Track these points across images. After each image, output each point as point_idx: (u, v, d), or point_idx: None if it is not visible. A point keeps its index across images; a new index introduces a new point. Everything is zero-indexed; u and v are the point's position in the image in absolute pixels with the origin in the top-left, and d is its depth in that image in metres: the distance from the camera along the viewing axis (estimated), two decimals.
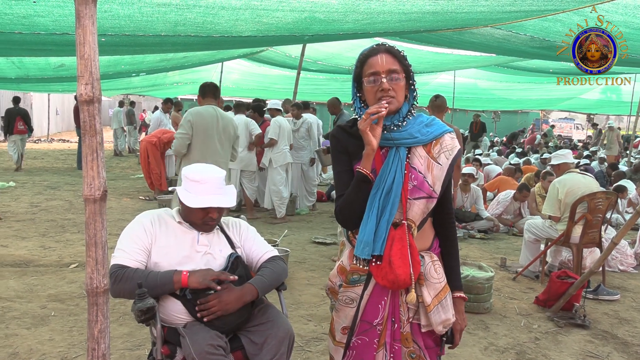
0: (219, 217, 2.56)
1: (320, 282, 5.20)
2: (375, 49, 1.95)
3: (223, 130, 4.60)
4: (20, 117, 13.22)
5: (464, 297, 2.11)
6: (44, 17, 4.88)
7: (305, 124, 8.65)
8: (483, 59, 11.51)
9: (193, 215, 2.51)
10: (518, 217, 8.17)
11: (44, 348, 3.63)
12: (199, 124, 4.56)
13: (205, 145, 4.48)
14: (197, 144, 4.52)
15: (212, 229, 2.58)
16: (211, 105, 4.75)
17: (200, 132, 4.50)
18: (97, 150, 1.86)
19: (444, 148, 1.98)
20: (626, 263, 6.26)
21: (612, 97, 20.19)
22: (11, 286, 4.80)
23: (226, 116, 4.77)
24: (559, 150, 6.07)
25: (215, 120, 4.62)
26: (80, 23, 1.79)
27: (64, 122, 28.01)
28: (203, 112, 4.62)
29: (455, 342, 2.11)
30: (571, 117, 32.07)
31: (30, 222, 7.41)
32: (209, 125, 4.56)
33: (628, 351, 4.03)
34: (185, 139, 4.52)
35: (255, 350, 2.40)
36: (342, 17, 5.63)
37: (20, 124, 13.16)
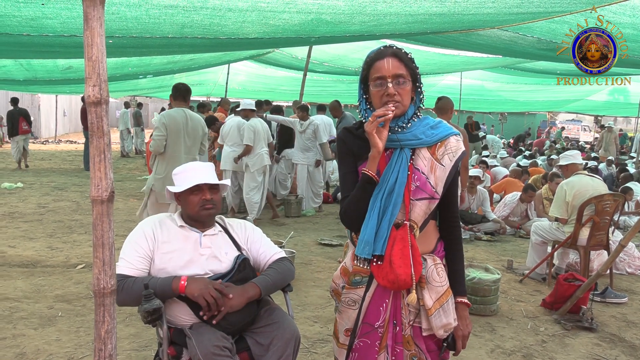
0: (215, 202, 2.57)
1: (326, 283, 5.20)
2: (382, 52, 1.94)
3: (192, 130, 5.20)
4: (23, 118, 13.79)
5: (467, 303, 2.07)
6: (52, 20, 4.91)
7: (311, 125, 8.64)
8: (490, 60, 11.49)
9: (190, 206, 2.55)
10: (525, 219, 8.14)
11: (51, 348, 3.65)
12: (172, 126, 5.12)
13: (177, 144, 5.11)
14: (170, 143, 5.13)
15: (211, 216, 2.58)
16: (181, 108, 5.30)
17: (172, 133, 5.11)
18: (104, 152, 1.87)
19: (448, 150, 1.97)
20: (634, 265, 6.22)
21: (620, 99, 20.08)
22: (19, 286, 4.83)
23: (195, 117, 5.33)
24: (567, 151, 6.01)
25: (185, 122, 5.19)
26: (88, 25, 1.80)
27: (71, 123, 28.16)
28: (175, 115, 5.21)
29: (457, 348, 2.07)
30: (578, 119, 31.92)
31: (37, 222, 7.45)
32: (180, 127, 5.15)
33: (636, 354, 4.00)
34: (162, 140, 5.10)
35: (261, 351, 2.40)
36: (348, 19, 5.63)
37: (24, 124, 13.74)
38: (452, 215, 2.08)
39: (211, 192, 2.57)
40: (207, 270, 2.48)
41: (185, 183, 2.55)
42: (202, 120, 5.42)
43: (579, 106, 23.22)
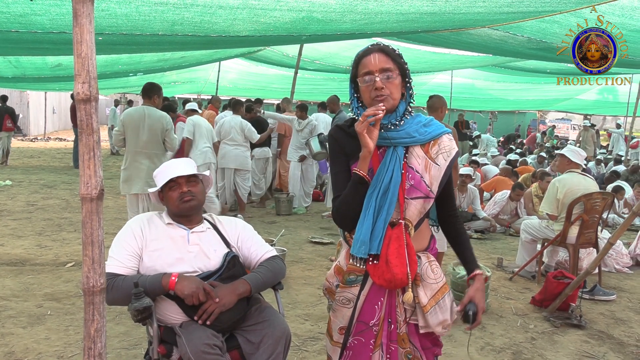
0: (194, 193, 2.57)
1: (317, 281, 5.21)
2: (369, 50, 1.95)
3: (149, 126, 5.45)
4: (9, 115, 14.04)
5: (484, 274, 2.08)
6: (41, 16, 4.87)
7: (309, 125, 8.63)
8: (480, 59, 11.53)
9: (170, 202, 2.57)
10: (515, 217, 8.19)
11: (40, 347, 3.62)
12: (128, 123, 5.50)
13: (134, 139, 5.46)
14: (128, 138, 5.51)
15: (192, 208, 2.57)
16: (143, 106, 5.64)
17: (129, 130, 5.48)
18: (94, 149, 1.85)
19: (442, 149, 1.97)
20: (622, 262, 6.27)
21: (609, 98, 20.21)
22: (7, 285, 4.79)
23: (154, 114, 5.55)
24: (570, 146, 5.89)
25: (142, 119, 5.48)
26: (77, 21, 1.79)
27: (60, 120, 27.90)
28: (132, 113, 5.62)
29: (478, 319, 2.00)
30: (568, 117, 32.09)
31: (26, 220, 7.39)
32: (137, 124, 5.46)
33: (624, 351, 4.04)
34: (117, 136, 5.59)
35: (252, 349, 2.39)
36: (339, 17, 5.63)
37: (8, 121, 13.99)
38: (451, 210, 2.11)
39: (189, 184, 2.57)
40: (195, 268, 2.47)
41: (161, 181, 2.58)
42: (165, 117, 5.64)
43: (569, 105, 23.33)
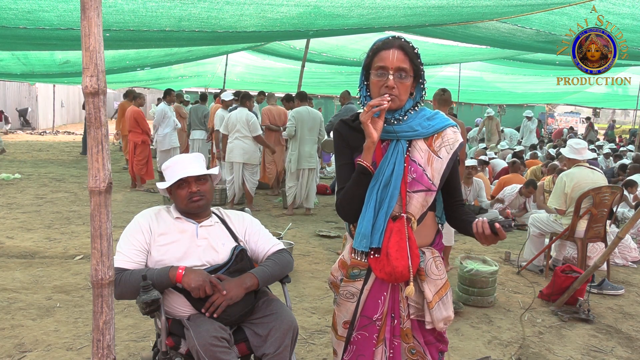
0: (203, 193, 2.56)
1: (324, 274, 5.22)
2: (389, 43, 1.92)
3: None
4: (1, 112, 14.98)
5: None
6: (49, 12, 4.89)
7: None
8: (489, 51, 11.45)
9: (179, 200, 2.56)
10: (523, 211, 8.16)
11: (49, 339, 3.66)
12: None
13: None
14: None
15: (200, 207, 2.57)
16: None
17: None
18: (102, 142, 1.86)
19: (445, 142, 1.97)
20: (630, 256, 6.25)
21: (619, 91, 20.05)
22: (17, 277, 4.84)
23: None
24: (573, 139, 5.82)
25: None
26: (85, 15, 1.79)
27: (69, 114, 28.06)
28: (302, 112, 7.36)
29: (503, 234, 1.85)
30: (577, 111, 31.87)
31: (35, 213, 7.45)
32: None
33: (632, 346, 4.03)
34: None
35: (259, 342, 2.41)
36: (346, 12, 5.61)
37: None
38: (457, 201, 2.09)
39: (198, 183, 2.54)
40: (204, 262, 2.48)
41: (171, 177, 2.55)
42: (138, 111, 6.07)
43: (578, 98, 23.17)
